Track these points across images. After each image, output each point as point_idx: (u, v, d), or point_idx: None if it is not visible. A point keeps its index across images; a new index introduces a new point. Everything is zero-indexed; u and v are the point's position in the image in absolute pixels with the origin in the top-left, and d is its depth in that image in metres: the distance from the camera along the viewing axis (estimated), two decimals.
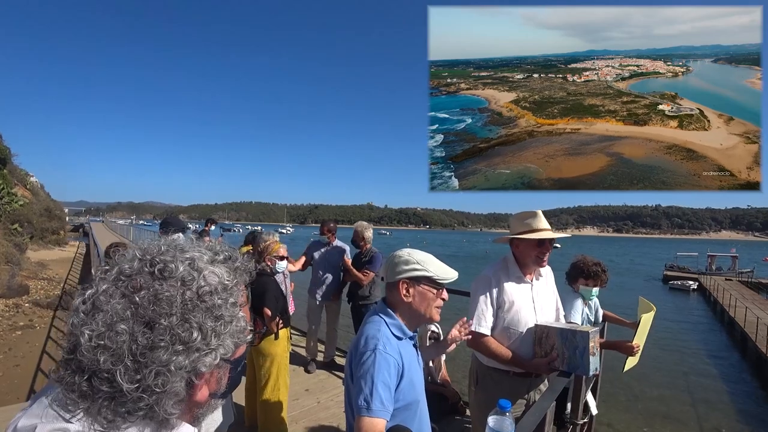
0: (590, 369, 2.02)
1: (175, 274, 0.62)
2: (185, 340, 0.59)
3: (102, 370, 0.56)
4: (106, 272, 0.63)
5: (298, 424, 3.49)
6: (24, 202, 26.64)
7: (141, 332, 0.57)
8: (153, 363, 0.57)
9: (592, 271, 3.01)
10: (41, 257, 22.54)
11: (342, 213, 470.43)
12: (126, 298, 0.59)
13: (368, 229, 4.77)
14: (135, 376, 0.56)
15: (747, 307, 18.05)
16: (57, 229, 31.53)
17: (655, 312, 2.73)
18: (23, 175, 36.09)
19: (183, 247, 0.67)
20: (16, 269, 15.35)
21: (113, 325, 0.56)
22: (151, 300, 0.59)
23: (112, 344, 0.56)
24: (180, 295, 0.61)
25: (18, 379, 7.51)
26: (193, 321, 0.60)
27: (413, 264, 1.50)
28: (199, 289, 0.63)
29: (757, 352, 13.48)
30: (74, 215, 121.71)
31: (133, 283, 0.60)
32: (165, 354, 0.58)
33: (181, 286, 0.61)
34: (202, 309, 0.62)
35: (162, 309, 0.59)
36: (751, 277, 32.60)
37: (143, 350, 0.57)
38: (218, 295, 0.64)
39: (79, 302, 0.59)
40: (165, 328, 0.58)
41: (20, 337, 9.94)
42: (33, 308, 12.42)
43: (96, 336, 0.56)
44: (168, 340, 0.58)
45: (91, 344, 0.56)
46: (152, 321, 0.58)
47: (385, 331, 1.45)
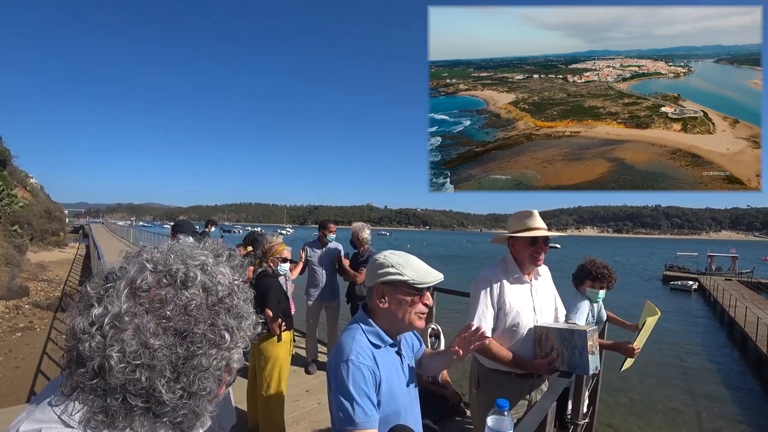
0: (590, 368, 2.02)
1: (196, 283, 0.63)
2: (218, 342, 0.62)
3: (139, 387, 0.56)
4: (108, 288, 0.61)
5: (299, 425, 3.49)
6: (24, 204, 26.62)
7: (177, 344, 0.58)
8: (193, 370, 0.59)
9: (600, 274, 3.01)
10: (41, 259, 22.53)
11: (342, 214, 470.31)
12: (153, 314, 0.59)
13: (363, 229, 4.76)
14: (176, 385, 0.58)
15: (747, 307, 18.04)
16: (57, 231, 31.52)
17: (659, 316, 2.73)
18: (23, 177, 36.08)
19: (190, 253, 0.67)
20: (16, 271, 15.34)
21: (147, 342, 0.56)
22: (181, 311, 0.60)
23: (150, 361, 0.56)
24: (204, 302, 0.62)
25: (18, 381, 7.50)
26: (220, 324, 0.63)
27: (387, 267, 1.40)
28: (219, 293, 0.64)
29: (758, 352, 13.48)
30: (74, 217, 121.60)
31: (157, 297, 0.60)
32: (204, 360, 0.60)
33: (203, 292, 0.63)
34: (225, 311, 0.64)
35: (193, 318, 0.60)
36: (751, 277, 32.61)
37: (183, 360, 0.59)
38: (235, 296, 0.67)
39: (84, 325, 0.57)
40: (200, 335, 0.60)
41: (20, 339, 9.93)
42: (33, 310, 12.41)
43: (130, 356, 0.55)
44: (205, 347, 0.60)
45: (124, 365, 0.55)
46: (185, 331, 0.59)
47: (360, 339, 1.38)
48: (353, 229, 4.81)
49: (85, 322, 0.57)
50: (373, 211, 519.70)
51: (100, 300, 0.59)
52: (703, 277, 32.96)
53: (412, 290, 1.40)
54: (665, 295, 28.39)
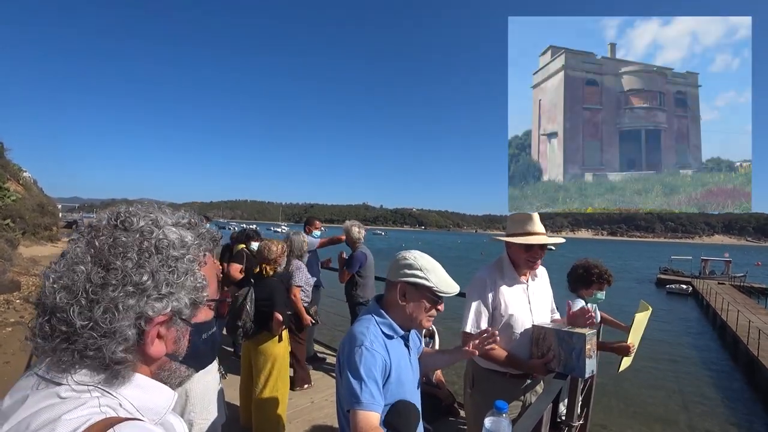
0: (587, 371, 2.02)
1: (135, 227, 0.67)
2: (136, 282, 0.63)
3: (59, 308, 0.60)
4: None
5: (292, 424, 3.45)
6: (16, 198, 26.38)
7: (96, 272, 0.62)
8: (103, 300, 0.61)
9: (609, 275, 3.00)
10: (33, 253, 22.32)
11: (337, 212, 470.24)
12: (88, 245, 0.64)
13: (351, 228, 4.67)
14: (87, 313, 0.60)
15: (739, 310, 18.20)
16: (50, 225, 31.26)
17: (651, 312, 2.73)
18: (16, 170, 35.73)
19: (150, 210, 0.72)
20: (7, 265, 15.19)
21: (72, 266, 0.62)
22: (110, 245, 0.64)
23: (69, 282, 0.61)
24: (137, 244, 0.65)
25: (8, 376, 7.41)
26: (147, 267, 0.64)
27: (416, 270, 1.48)
28: (157, 242, 0.67)
29: (748, 355, 13.59)
30: (68, 211, 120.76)
31: (96, 231, 0.66)
32: (115, 292, 0.62)
33: (139, 237, 0.66)
34: (157, 258, 0.66)
35: (117, 252, 0.63)
36: (744, 281, 32.89)
37: (95, 288, 0.61)
38: (175, 249, 0.69)
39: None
40: (118, 268, 0.62)
41: (11, 334, 9.82)
42: (24, 305, 12.28)
43: (57, 277, 0.61)
44: (119, 280, 0.62)
45: (51, 284, 0.61)
46: (108, 263, 0.63)
47: (373, 329, 1.45)
48: (345, 228, 4.75)
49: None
50: (368, 210, 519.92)
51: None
52: (697, 281, 33.18)
53: (432, 296, 1.48)
54: (660, 299, 28.55)
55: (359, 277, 4.60)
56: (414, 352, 1.64)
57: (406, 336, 1.56)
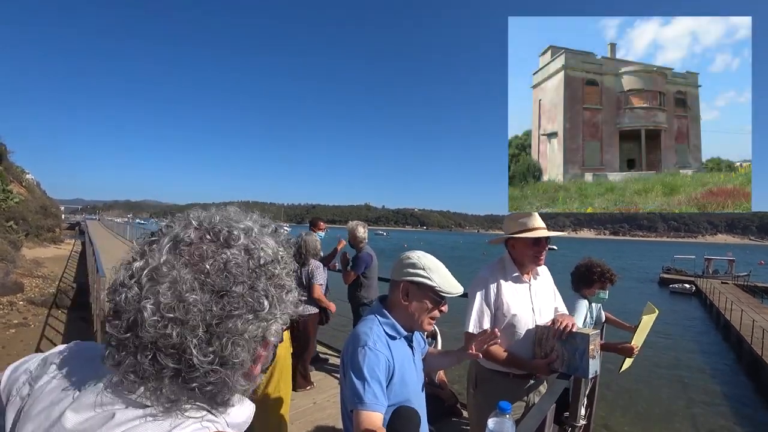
0: (590, 371, 2.01)
1: (238, 243, 0.60)
2: (256, 308, 0.59)
3: (170, 345, 0.54)
4: (152, 243, 0.59)
5: (294, 425, 3.46)
6: (19, 200, 26.47)
7: (214, 302, 0.56)
8: (227, 333, 0.56)
9: (611, 274, 3.00)
10: (36, 255, 22.39)
11: (339, 213, 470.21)
12: (191, 267, 0.56)
13: (356, 228, 4.67)
14: (207, 348, 0.55)
15: (742, 310, 18.13)
16: (53, 227, 31.37)
17: (657, 314, 2.72)
18: (19, 172, 35.89)
19: (236, 218, 0.65)
20: (10, 267, 15.25)
21: (182, 296, 0.54)
22: (221, 268, 0.57)
23: (184, 316, 0.54)
24: (247, 264, 0.60)
25: None
26: (260, 289, 0.60)
27: (419, 269, 1.48)
28: (261, 259, 0.61)
29: (753, 355, 13.54)
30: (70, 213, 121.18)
31: (198, 251, 0.58)
32: (240, 323, 0.57)
33: (246, 255, 0.60)
34: (266, 277, 0.61)
35: (233, 277, 0.57)
36: (747, 280, 32.77)
37: (218, 320, 0.55)
38: (278, 265, 0.64)
39: (125, 277, 0.56)
40: (238, 296, 0.57)
41: (14, 336, 9.86)
42: (27, 306, 12.32)
43: (164, 309, 0.53)
44: (240, 308, 0.57)
45: (157, 318, 0.53)
46: (223, 290, 0.56)
47: (376, 330, 1.46)
48: (349, 228, 4.74)
49: (125, 274, 0.56)
50: (370, 210, 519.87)
51: (143, 254, 0.58)
52: (700, 280, 33.06)
53: (435, 296, 1.48)
54: (664, 298, 28.47)
55: (364, 278, 4.60)
56: (418, 352, 1.64)
57: (410, 336, 1.56)
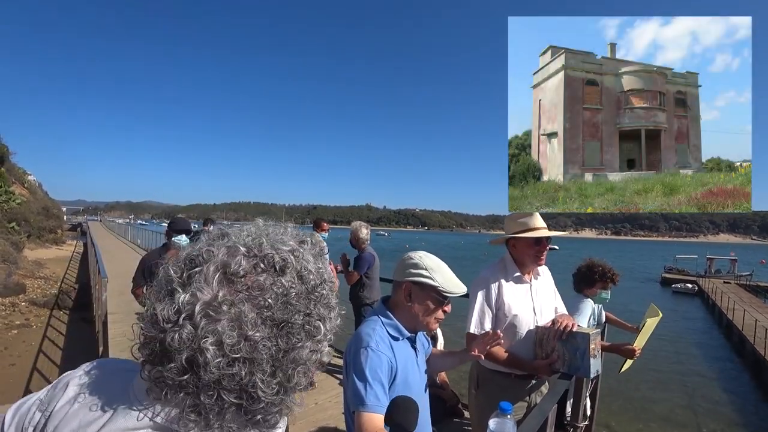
0: (591, 371, 2.01)
1: (291, 269, 0.58)
2: (314, 334, 0.58)
3: (234, 384, 0.52)
4: (193, 273, 0.55)
5: (296, 426, 3.46)
6: (21, 201, 26.55)
7: (277, 335, 0.54)
8: (291, 364, 0.55)
9: (612, 273, 3.00)
10: (38, 256, 22.45)
11: (340, 214, 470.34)
12: (251, 302, 0.54)
13: (360, 229, 4.71)
14: (272, 381, 0.54)
15: (745, 309, 18.07)
16: (54, 228, 31.44)
17: (661, 318, 2.72)
18: (21, 174, 35.99)
19: (279, 238, 0.62)
20: (12, 268, 15.28)
21: (247, 334, 0.52)
22: (282, 300, 0.55)
23: (250, 354, 0.52)
24: (302, 292, 0.58)
25: (13, 379, 7.46)
26: (315, 314, 0.59)
27: (420, 269, 1.47)
28: (311, 282, 0.60)
29: (755, 355, 13.51)
30: (72, 214, 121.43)
31: (256, 284, 0.55)
32: (303, 352, 0.56)
33: (299, 280, 0.58)
34: (317, 301, 0.60)
35: (293, 308, 0.56)
36: (750, 280, 32.65)
37: (283, 353, 0.54)
38: (325, 285, 0.62)
39: (169, 313, 0.52)
40: (299, 327, 0.56)
41: (16, 336, 9.88)
42: (29, 307, 12.35)
43: (229, 349, 0.51)
44: (303, 338, 0.56)
45: (221, 360, 0.50)
46: (284, 322, 0.55)
47: (379, 331, 1.45)
48: (352, 228, 4.78)
49: (170, 309, 0.52)
50: (371, 211, 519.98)
51: (185, 285, 0.54)
52: (702, 280, 32.97)
53: (437, 296, 1.47)
54: (666, 298, 28.41)
55: (366, 278, 4.63)
56: (421, 354, 1.64)
57: (413, 338, 1.56)
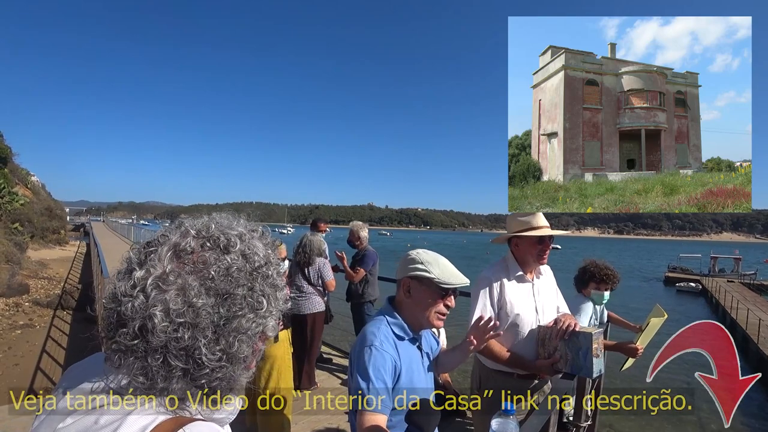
0: (594, 371, 2.00)
1: (236, 249, 0.65)
2: (256, 307, 0.64)
3: (180, 347, 0.57)
4: (149, 252, 0.62)
5: (298, 425, 3.47)
6: (25, 202, 26.65)
7: (219, 304, 0.60)
8: (233, 332, 0.61)
9: (604, 275, 2.99)
10: (42, 256, 22.54)
11: (342, 213, 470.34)
12: (196, 274, 0.60)
13: (363, 228, 4.80)
14: (215, 347, 0.59)
15: (748, 308, 18.01)
16: (58, 229, 31.53)
17: (666, 319, 2.71)
18: (24, 175, 36.11)
19: (228, 225, 0.69)
20: (16, 268, 15.35)
21: (191, 301, 0.58)
22: (224, 273, 0.61)
23: (194, 319, 0.57)
24: (245, 268, 0.64)
25: (17, 378, 7.50)
26: (258, 289, 0.65)
27: (417, 264, 1.48)
28: (255, 262, 0.66)
29: (759, 354, 13.45)
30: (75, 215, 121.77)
31: (201, 259, 0.62)
32: (244, 322, 0.62)
33: (243, 259, 0.65)
34: (261, 278, 0.66)
35: (235, 281, 0.62)
36: (754, 279, 32.43)
37: (225, 321, 0.60)
38: (270, 266, 0.69)
39: (126, 287, 0.58)
40: (240, 298, 0.62)
41: (20, 336, 9.93)
42: (33, 307, 12.41)
43: (174, 315, 0.56)
44: (245, 309, 0.62)
45: (167, 324, 0.56)
46: (227, 293, 0.61)
47: (384, 330, 1.45)
48: (352, 228, 4.83)
49: (126, 284, 0.58)
50: (374, 210, 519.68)
51: (142, 264, 0.60)
52: (705, 279, 32.83)
53: (436, 289, 1.46)
54: (670, 297, 28.29)
55: (369, 276, 4.68)
56: (427, 354, 1.62)
57: (418, 338, 1.56)
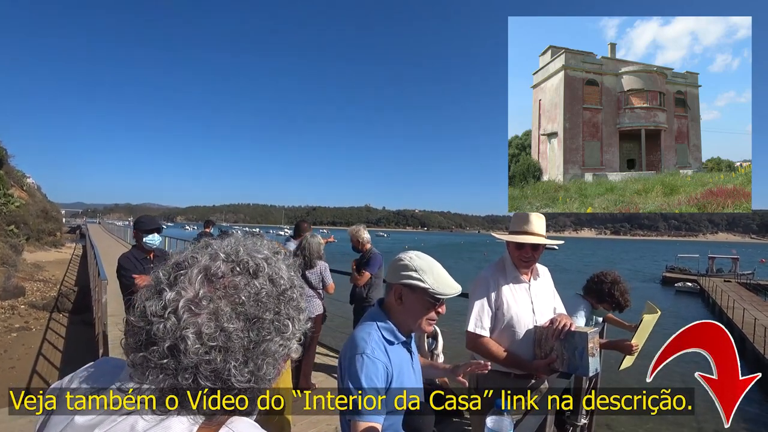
0: (590, 370, 2.01)
1: (263, 273, 0.67)
2: (283, 330, 0.66)
3: (210, 369, 0.59)
4: (179, 275, 0.63)
5: (297, 426, 3.46)
6: (20, 204, 26.50)
7: (249, 329, 0.62)
8: (261, 355, 0.63)
9: (623, 300, 2.96)
10: (37, 259, 22.42)
11: (340, 215, 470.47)
12: (228, 299, 0.62)
13: (361, 230, 4.75)
14: (245, 369, 0.62)
15: (744, 308, 18.09)
16: (53, 231, 31.39)
17: (659, 315, 2.71)
18: (20, 177, 35.89)
19: (255, 248, 0.71)
20: (12, 271, 15.26)
21: (223, 326, 0.60)
22: (254, 298, 0.64)
23: (226, 343, 0.60)
24: (273, 293, 0.67)
25: (13, 382, 7.44)
26: (284, 313, 0.67)
27: (410, 271, 1.43)
28: (281, 285, 0.69)
29: (755, 353, 13.53)
30: (71, 217, 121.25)
31: (232, 284, 0.64)
32: (272, 345, 0.64)
33: (271, 284, 0.67)
34: (286, 302, 0.68)
35: (264, 305, 0.64)
36: (752, 278, 32.58)
37: (254, 345, 0.62)
38: (294, 289, 0.71)
39: (156, 308, 0.60)
40: (269, 322, 0.64)
41: (16, 339, 9.86)
42: (29, 310, 12.32)
43: (207, 338, 0.58)
44: (273, 333, 0.65)
45: (200, 346, 0.58)
46: (256, 317, 0.63)
47: (374, 335, 1.42)
48: (350, 232, 4.78)
49: (157, 305, 0.60)
50: (371, 212, 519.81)
51: (172, 285, 0.62)
52: (703, 279, 32.95)
53: (429, 298, 1.43)
54: (668, 297, 28.39)
55: (375, 278, 4.66)
56: (416, 357, 1.61)
57: (408, 341, 1.53)
